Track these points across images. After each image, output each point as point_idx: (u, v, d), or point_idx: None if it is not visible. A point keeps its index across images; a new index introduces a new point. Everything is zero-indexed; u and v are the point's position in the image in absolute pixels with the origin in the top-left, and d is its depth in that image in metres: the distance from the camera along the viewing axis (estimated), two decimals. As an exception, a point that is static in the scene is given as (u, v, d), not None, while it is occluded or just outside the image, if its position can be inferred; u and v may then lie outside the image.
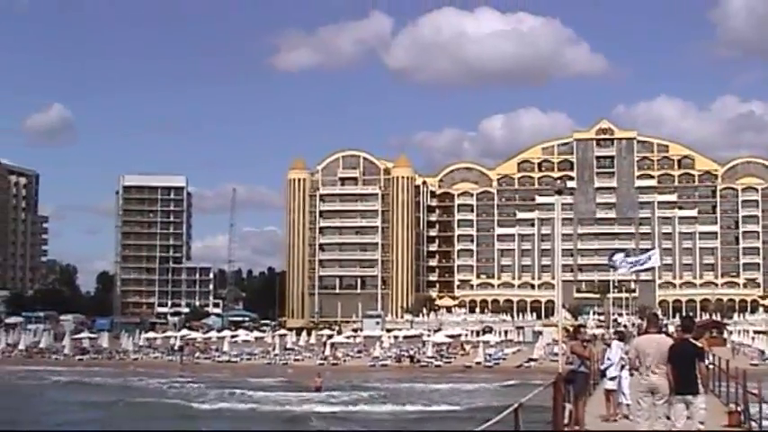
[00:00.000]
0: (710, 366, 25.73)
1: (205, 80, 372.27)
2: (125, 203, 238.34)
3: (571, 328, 30.07)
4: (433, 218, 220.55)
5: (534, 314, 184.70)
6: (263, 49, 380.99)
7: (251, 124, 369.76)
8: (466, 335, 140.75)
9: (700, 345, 17.36)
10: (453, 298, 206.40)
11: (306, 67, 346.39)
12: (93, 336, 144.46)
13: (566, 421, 20.96)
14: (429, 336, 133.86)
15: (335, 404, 70.74)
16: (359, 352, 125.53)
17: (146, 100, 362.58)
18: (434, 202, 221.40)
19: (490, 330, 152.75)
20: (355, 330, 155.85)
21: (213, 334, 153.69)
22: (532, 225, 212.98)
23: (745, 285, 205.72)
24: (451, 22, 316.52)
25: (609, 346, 25.00)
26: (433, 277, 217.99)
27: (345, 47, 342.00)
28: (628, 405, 23.13)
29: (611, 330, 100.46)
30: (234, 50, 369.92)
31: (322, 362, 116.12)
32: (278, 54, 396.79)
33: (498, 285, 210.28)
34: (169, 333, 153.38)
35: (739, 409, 23.09)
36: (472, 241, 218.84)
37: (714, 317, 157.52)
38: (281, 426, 60.02)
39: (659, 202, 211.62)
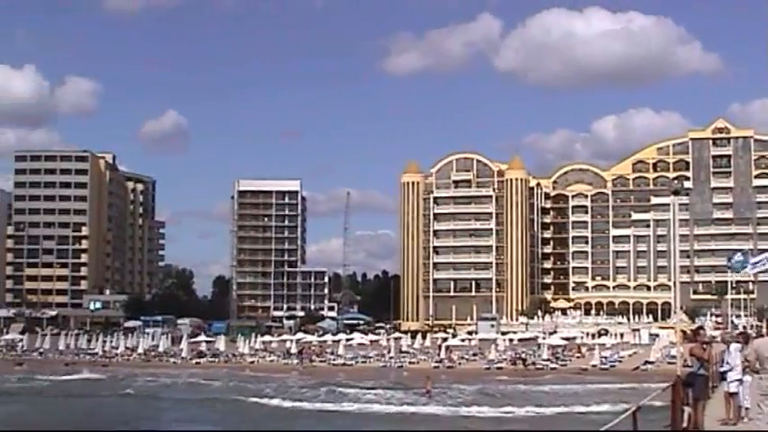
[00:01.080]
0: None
1: (317, 84, 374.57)
2: (240, 208, 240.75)
3: (689, 331, 29.41)
4: (548, 219, 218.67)
5: (650, 316, 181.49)
6: (374, 52, 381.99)
7: (363, 128, 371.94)
8: (581, 337, 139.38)
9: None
10: (568, 300, 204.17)
11: (415, 71, 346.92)
12: (209, 339, 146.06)
13: (684, 425, 20.43)
14: (544, 338, 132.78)
15: (443, 406, 70.54)
16: (474, 355, 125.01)
17: (259, 105, 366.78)
18: (548, 204, 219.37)
19: (606, 333, 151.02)
20: (470, 333, 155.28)
21: (328, 337, 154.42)
22: (648, 226, 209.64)
23: None
24: (560, 22, 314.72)
25: (728, 347, 24.32)
26: (548, 279, 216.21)
27: (454, 49, 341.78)
28: (747, 408, 22.48)
29: (732, 332, 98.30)
30: (345, 54, 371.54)
31: (437, 365, 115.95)
32: (388, 57, 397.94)
33: (614, 287, 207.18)
34: (285, 336, 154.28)
35: None
36: (587, 243, 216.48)
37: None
38: (388, 426, 60.08)
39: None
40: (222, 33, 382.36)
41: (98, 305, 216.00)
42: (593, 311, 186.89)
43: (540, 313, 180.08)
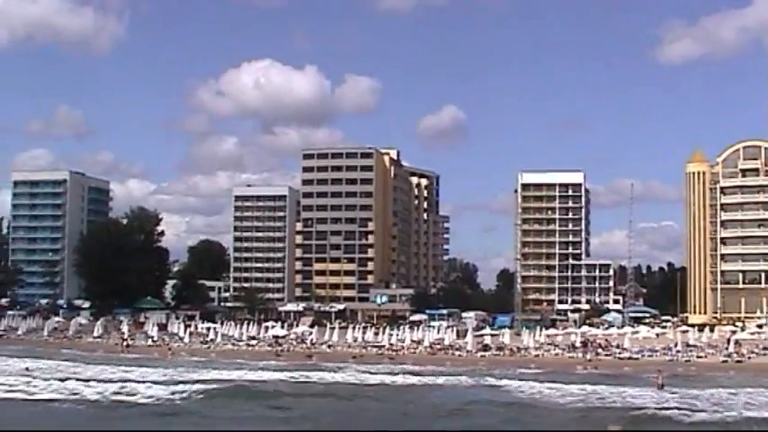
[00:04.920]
0: None
1: (594, 76, 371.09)
2: (523, 201, 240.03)
3: None
4: None
5: None
6: (645, 41, 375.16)
7: (642, 118, 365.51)
8: None
9: None
10: None
11: (689, 58, 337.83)
12: (494, 332, 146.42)
13: None
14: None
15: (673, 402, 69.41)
16: (764, 349, 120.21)
17: (538, 98, 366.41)
18: None
19: None
20: (760, 327, 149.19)
21: (613, 330, 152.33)
22: None
23: None
24: None
25: None
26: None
27: (728, 36, 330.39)
28: None
29: None
30: (617, 44, 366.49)
31: (725, 359, 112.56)
32: (660, 46, 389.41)
33: None
34: (569, 330, 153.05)
35: None
36: None
37: None
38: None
39: None
40: (494, 28, 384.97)
41: (384, 299, 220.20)
42: None
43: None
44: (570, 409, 67.95)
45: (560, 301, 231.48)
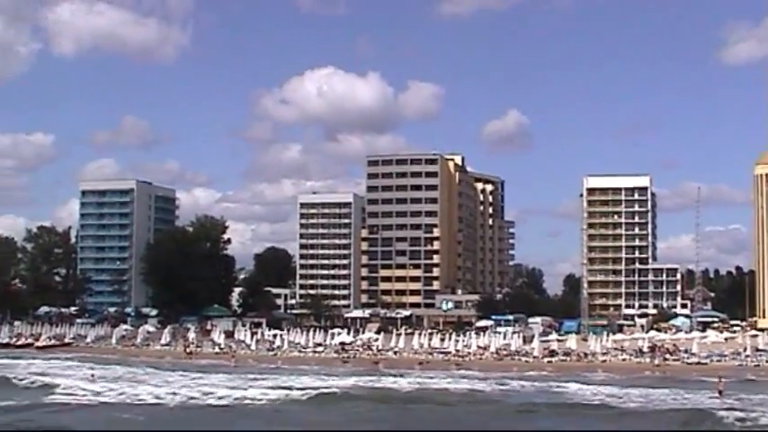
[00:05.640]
0: None
1: (659, 78, 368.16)
2: (588, 205, 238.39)
3: None
4: None
5: None
6: (710, 43, 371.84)
7: (708, 121, 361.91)
8: None
9: None
10: None
11: (754, 59, 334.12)
12: (561, 338, 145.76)
13: None
14: None
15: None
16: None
17: (601, 102, 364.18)
18: None
19: None
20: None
21: (681, 335, 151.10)
22: None
23: None
24: None
25: None
26: None
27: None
28: None
29: None
30: (682, 46, 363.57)
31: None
32: (725, 47, 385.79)
33: None
34: (637, 335, 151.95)
35: None
36: None
37: None
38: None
39: None
40: (556, 32, 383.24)
41: (450, 305, 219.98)
42: None
43: None
44: (625, 412, 69.52)
45: (627, 306, 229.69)
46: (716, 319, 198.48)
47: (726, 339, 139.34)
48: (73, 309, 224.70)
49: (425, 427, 65.15)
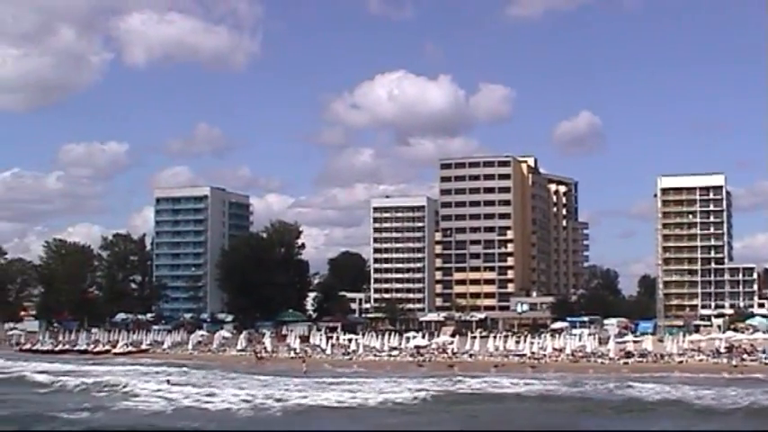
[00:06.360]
0: None
1: (733, 76, 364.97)
2: (663, 205, 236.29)
3: None
4: None
5: None
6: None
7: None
8: None
9: None
10: None
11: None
12: (636, 339, 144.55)
13: None
14: None
15: None
16: None
17: (674, 102, 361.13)
18: None
19: None
20: None
21: (759, 335, 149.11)
22: None
23: None
24: None
25: None
26: None
27: None
28: None
29: None
30: (755, 43, 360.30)
31: None
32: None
33: None
34: (713, 335, 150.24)
35: None
36: None
37: None
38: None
39: None
40: (625, 32, 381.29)
41: (525, 307, 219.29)
42: None
43: None
44: (701, 411, 70.68)
45: (703, 306, 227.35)
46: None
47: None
48: (149, 315, 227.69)
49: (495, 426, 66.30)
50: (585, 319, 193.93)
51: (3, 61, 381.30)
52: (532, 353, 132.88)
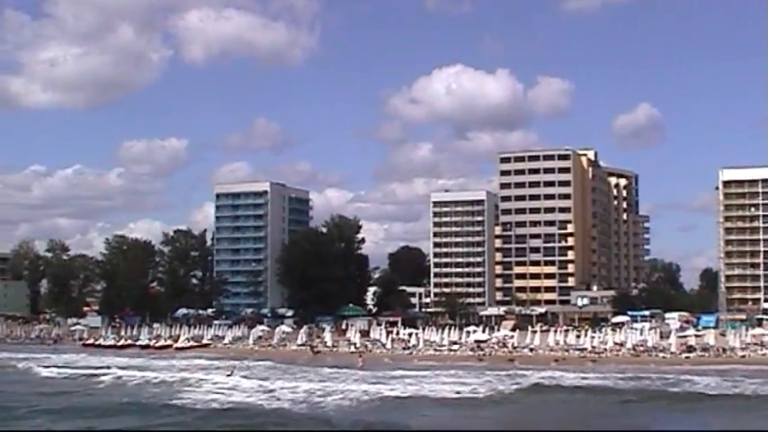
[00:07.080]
0: None
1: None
2: (725, 198, 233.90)
3: None
4: None
5: None
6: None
7: None
8: None
9: None
10: None
11: None
12: (698, 333, 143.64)
13: None
14: None
15: None
16: None
17: (735, 94, 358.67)
18: None
19: None
20: None
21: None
22: None
23: None
24: None
25: None
26: None
27: None
28: None
29: None
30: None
31: None
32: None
33: None
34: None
35: None
36: None
37: None
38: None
39: None
40: (683, 23, 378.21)
41: (585, 301, 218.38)
42: None
43: None
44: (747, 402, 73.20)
45: (766, 300, 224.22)
46: None
47: None
48: (210, 310, 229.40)
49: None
50: (646, 313, 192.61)
51: (64, 60, 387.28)
52: (593, 347, 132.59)
